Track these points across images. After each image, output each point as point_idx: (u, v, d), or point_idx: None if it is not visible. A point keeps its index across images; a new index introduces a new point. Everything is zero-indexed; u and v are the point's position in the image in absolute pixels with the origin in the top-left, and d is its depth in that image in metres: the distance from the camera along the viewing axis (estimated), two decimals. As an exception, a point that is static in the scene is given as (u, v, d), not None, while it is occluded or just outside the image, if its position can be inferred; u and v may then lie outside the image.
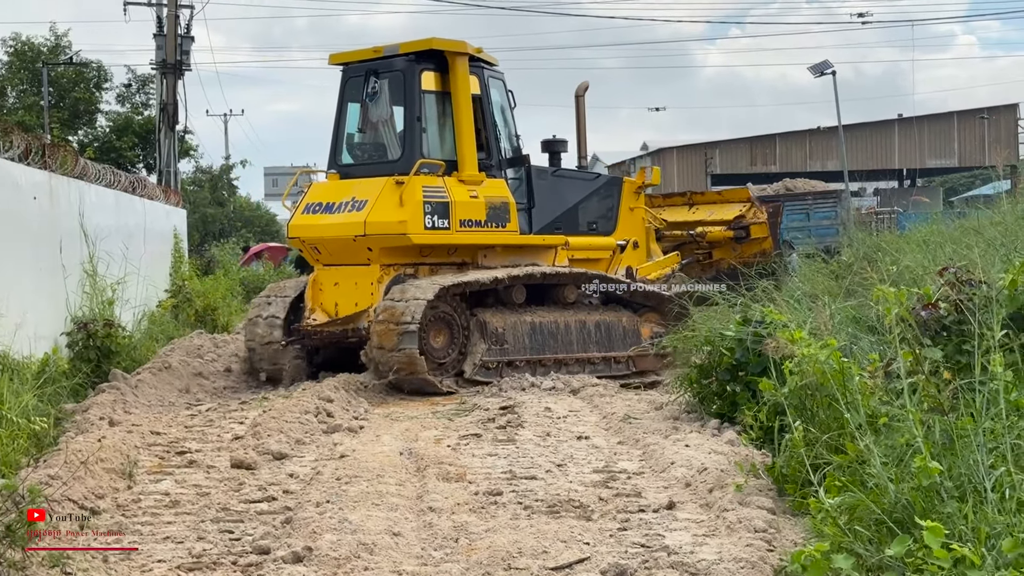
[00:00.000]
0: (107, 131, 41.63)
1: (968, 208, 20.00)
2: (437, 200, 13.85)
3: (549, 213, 15.33)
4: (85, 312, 14.07)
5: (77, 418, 10.62)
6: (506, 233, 14.52)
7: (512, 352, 13.90)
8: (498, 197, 14.45)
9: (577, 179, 16.13)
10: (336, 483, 7.76)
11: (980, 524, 4.90)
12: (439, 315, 13.54)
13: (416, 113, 14.17)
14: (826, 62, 42.98)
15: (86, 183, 15.29)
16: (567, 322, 14.44)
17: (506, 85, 15.22)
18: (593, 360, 14.39)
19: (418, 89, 14.20)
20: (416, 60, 14.29)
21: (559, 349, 14.24)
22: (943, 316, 7.23)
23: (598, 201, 16.14)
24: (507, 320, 14.02)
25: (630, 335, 14.80)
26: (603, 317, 14.79)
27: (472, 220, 14.12)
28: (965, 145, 59.06)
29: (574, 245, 15.50)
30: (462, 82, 14.29)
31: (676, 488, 7.67)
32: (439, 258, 14.41)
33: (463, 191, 14.11)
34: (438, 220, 13.83)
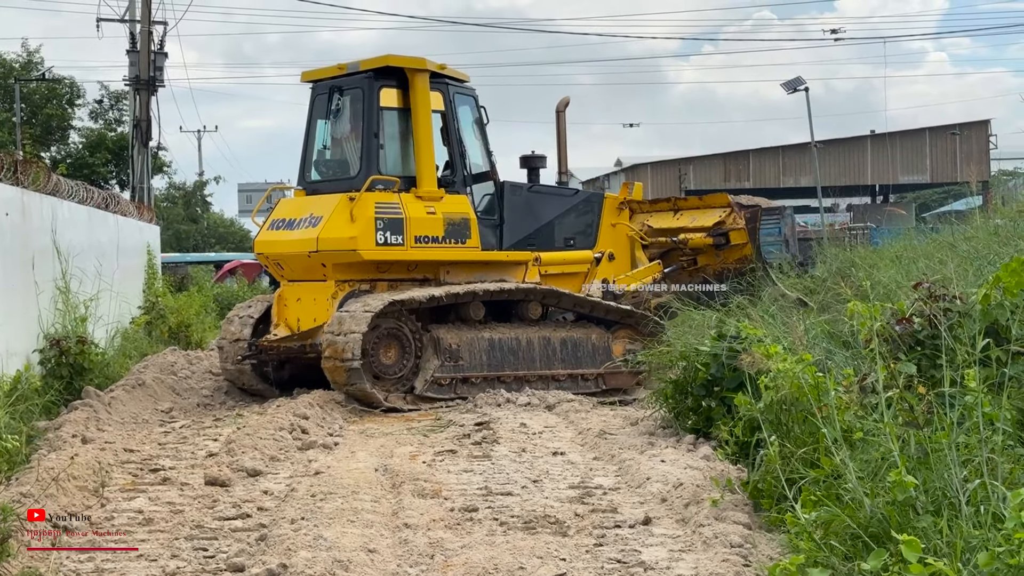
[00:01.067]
0: (80, 147, 41.50)
1: (940, 224, 20.12)
2: (390, 216, 13.97)
3: (522, 229, 15.32)
4: (58, 329, 13.98)
5: (49, 436, 10.55)
6: (466, 249, 14.53)
7: (467, 368, 13.93)
8: (458, 213, 14.47)
9: (554, 195, 16.10)
10: (311, 500, 7.72)
11: (956, 538, 4.91)
12: (389, 332, 13.67)
13: (373, 130, 14.29)
14: (799, 79, 43.17)
15: (59, 199, 15.20)
16: (529, 338, 14.40)
17: (477, 101, 15.22)
18: (558, 377, 14.34)
19: (376, 106, 14.33)
20: (375, 77, 14.42)
21: (520, 366, 14.22)
22: (917, 330, 7.26)
23: (576, 217, 16.07)
24: (463, 336, 14.05)
25: (600, 352, 14.68)
26: (570, 334, 14.71)
27: (429, 236, 14.20)
28: (937, 161, 59.43)
29: (547, 260, 15.47)
30: (421, 98, 14.41)
31: (652, 503, 7.66)
32: (398, 274, 14.44)
33: (420, 207, 14.19)
34: (391, 236, 13.94)
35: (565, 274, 15.67)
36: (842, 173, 58.68)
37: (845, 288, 10.40)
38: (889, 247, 15.02)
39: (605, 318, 15.03)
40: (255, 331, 14.74)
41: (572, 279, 15.67)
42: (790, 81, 43.46)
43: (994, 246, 10.58)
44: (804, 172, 56.92)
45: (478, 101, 15.22)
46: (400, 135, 14.68)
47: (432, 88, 14.56)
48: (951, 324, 6.80)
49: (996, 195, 19.77)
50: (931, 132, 60.07)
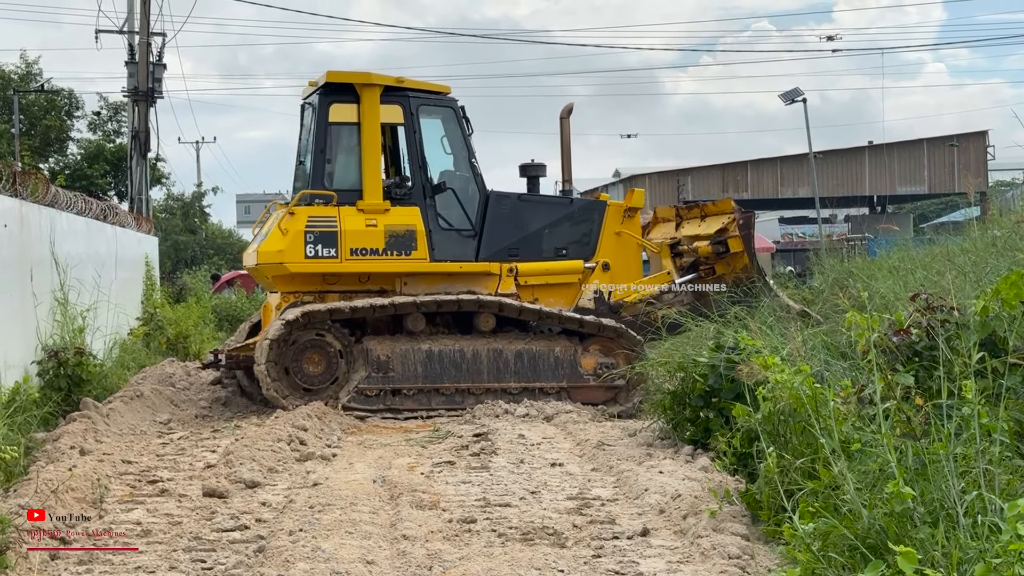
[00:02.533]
0: (78, 159, 41.51)
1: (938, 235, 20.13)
2: (322, 230, 14.31)
3: (503, 239, 15.12)
4: (56, 340, 13.98)
5: (48, 447, 10.55)
6: (411, 261, 14.58)
7: (399, 380, 14.04)
8: (402, 225, 14.58)
9: (545, 204, 15.80)
10: (309, 511, 7.72)
11: (953, 549, 4.91)
12: (311, 342, 14.07)
13: (320, 145, 14.65)
14: (797, 90, 43.25)
15: (57, 211, 15.22)
16: (476, 350, 14.27)
17: (457, 112, 15.13)
18: (510, 390, 14.14)
19: (325, 121, 14.67)
20: (325, 92, 14.77)
21: (463, 378, 14.17)
22: (915, 342, 7.27)
23: (571, 226, 15.62)
24: (396, 348, 14.15)
25: (565, 365, 14.30)
26: (528, 346, 14.37)
27: (367, 249, 14.40)
28: (935, 172, 59.45)
29: (526, 271, 15.07)
30: (367, 112, 14.67)
31: (650, 515, 7.66)
32: (349, 285, 14.69)
33: (359, 220, 14.44)
34: (322, 249, 14.26)
35: (551, 285, 15.27)
36: (840, 184, 58.70)
37: (843, 299, 10.42)
38: (886, 258, 15.03)
39: (578, 330, 14.52)
40: (249, 338, 15.17)
41: (561, 290, 15.29)
42: (788, 92, 43.54)
43: (991, 258, 10.59)
44: (802, 183, 56.95)
45: (457, 112, 15.14)
46: (352, 149, 14.88)
47: (389, 101, 14.80)
48: (948, 335, 6.82)
49: (994, 206, 19.79)
50: (929, 143, 60.10)
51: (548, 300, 15.00)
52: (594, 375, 14.18)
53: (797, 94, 43.45)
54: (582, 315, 14.63)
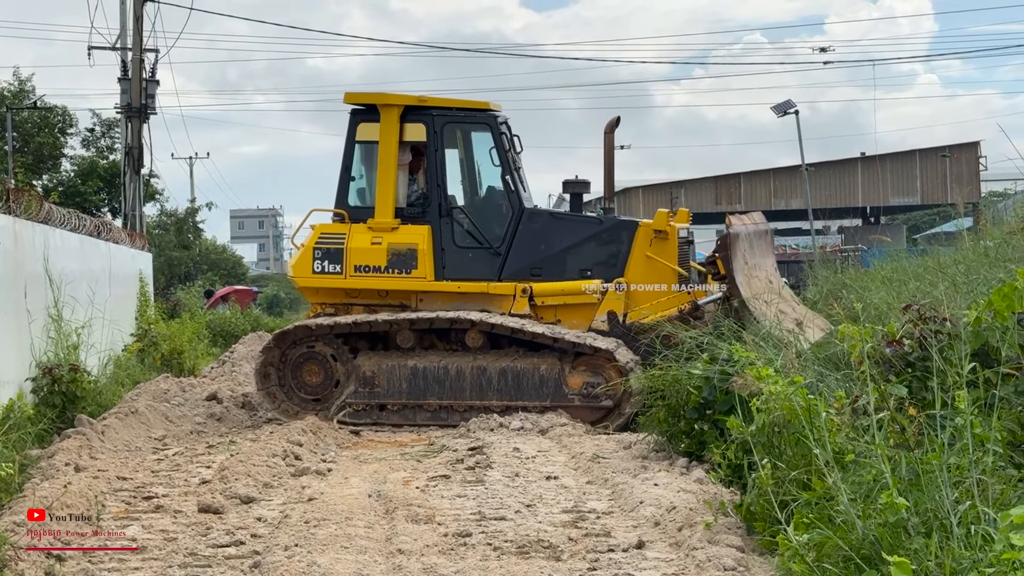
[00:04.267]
0: (72, 175, 41.47)
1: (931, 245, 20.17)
2: (330, 246, 14.85)
3: (528, 257, 14.95)
4: (50, 357, 13.97)
5: (43, 464, 10.53)
6: (410, 279, 14.76)
7: (384, 395, 14.26)
8: (405, 244, 14.76)
9: (574, 222, 15.35)
10: (305, 526, 7.73)
11: (946, 559, 4.93)
12: (307, 354, 14.66)
13: (346, 163, 15.12)
14: (789, 101, 43.33)
15: (51, 227, 15.21)
16: (460, 367, 14.24)
17: (492, 128, 15.07)
18: (493, 408, 14.01)
19: (351, 140, 15.12)
20: (354, 112, 15.14)
21: (446, 395, 14.20)
22: (908, 352, 7.29)
23: (597, 246, 15.03)
24: (382, 364, 14.34)
25: (549, 384, 14.00)
26: (513, 364, 14.19)
27: (369, 266, 14.77)
28: (927, 183, 59.51)
29: (542, 292, 14.76)
30: (384, 132, 14.87)
31: (645, 527, 7.67)
32: (370, 299, 15.04)
33: (366, 238, 14.82)
34: (328, 265, 14.82)
35: (568, 305, 14.80)
36: (833, 195, 58.75)
37: (837, 310, 10.45)
38: (880, 269, 15.06)
39: (561, 349, 14.13)
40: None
41: (580, 311, 14.74)
42: (780, 104, 43.61)
43: (984, 268, 10.63)
44: (795, 194, 57.00)
45: (494, 128, 15.07)
46: (377, 167, 15.14)
47: (414, 120, 14.94)
48: (941, 346, 6.84)
49: (986, 216, 19.84)
50: (921, 154, 60.17)
51: (569, 321, 14.62)
52: (580, 395, 13.90)
53: (789, 106, 43.53)
54: (596, 336, 14.15)
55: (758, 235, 15.38)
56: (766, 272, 15.17)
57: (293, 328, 15.03)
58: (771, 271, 15.55)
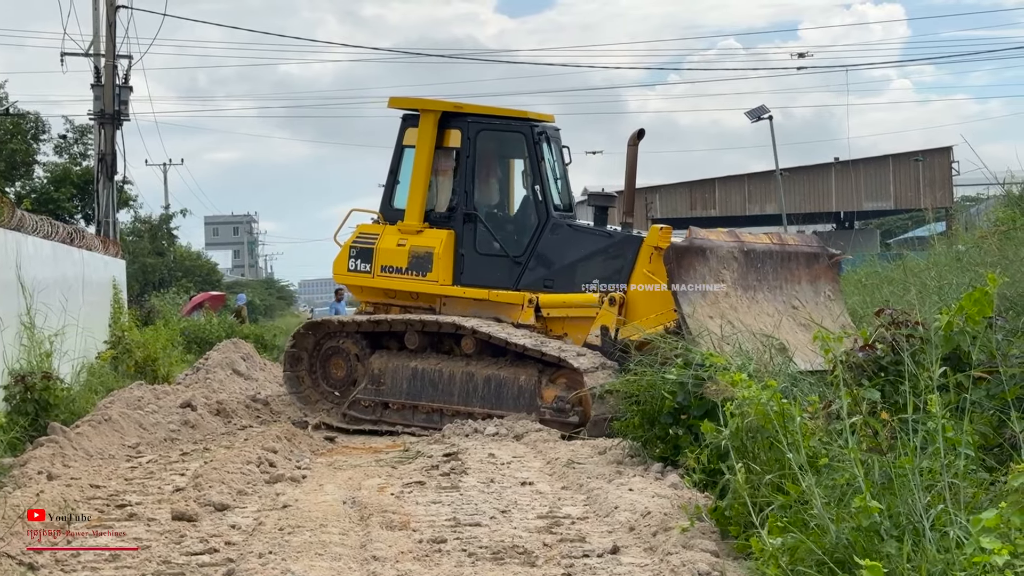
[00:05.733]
0: (45, 182, 41.25)
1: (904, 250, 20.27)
2: (363, 246, 15.65)
3: (544, 268, 14.95)
4: (22, 365, 13.89)
5: (15, 472, 10.47)
6: (425, 282, 15.18)
7: (388, 394, 14.81)
8: (424, 247, 15.16)
9: (589, 235, 15.10)
10: (279, 533, 7.70)
11: (919, 563, 4.95)
12: (332, 349, 15.53)
13: (393, 166, 15.81)
14: (763, 107, 43.58)
15: (23, 234, 15.13)
16: (452, 372, 14.40)
17: (528, 137, 15.07)
18: (475, 415, 14.02)
19: (399, 144, 15.71)
20: (405, 117, 15.71)
21: (437, 398, 14.43)
22: (880, 357, 7.33)
23: (604, 260, 14.70)
24: (389, 363, 14.91)
25: (526, 395, 13.90)
26: (497, 372, 14.19)
27: (393, 267, 15.40)
28: (901, 187, 59.79)
29: (547, 303, 14.61)
30: (421, 137, 15.33)
31: (620, 532, 7.68)
32: (404, 300, 15.61)
33: (394, 239, 15.41)
34: (360, 264, 15.63)
35: (572, 318, 14.57)
36: (806, 200, 58.96)
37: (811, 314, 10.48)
38: (853, 274, 15.12)
39: (539, 360, 13.96)
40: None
41: (584, 324, 14.40)
42: (754, 110, 43.83)
43: (956, 273, 10.69)
44: (769, 199, 57.18)
45: (530, 137, 15.05)
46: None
47: (451, 126, 15.33)
48: (913, 351, 6.88)
49: (959, 221, 19.96)
50: (894, 159, 60.46)
51: (576, 335, 14.36)
52: (551, 408, 13.65)
53: (763, 111, 43.75)
54: (589, 350, 13.80)
55: (767, 255, 14.07)
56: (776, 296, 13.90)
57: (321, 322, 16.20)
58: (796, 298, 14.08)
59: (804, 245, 14.84)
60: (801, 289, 14.13)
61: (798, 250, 14.48)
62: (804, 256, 14.45)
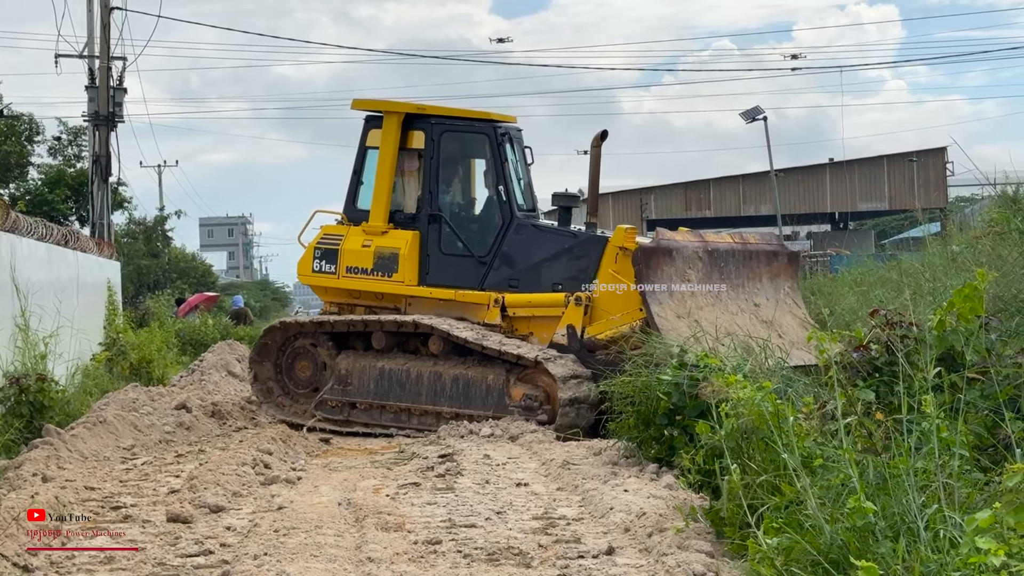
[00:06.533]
0: (39, 184, 41.20)
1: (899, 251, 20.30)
2: (328, 247, 15.67)
3: (509, 268, 15.02)
4: (17, 367, 13.88)
5: (10, 474, 10.46)
6: (391, 283, 15.26)
7: (355, 394, 14.87)
8: (389, 248, 15.23)
9: (554, 235, 15.19)
10: (274, 535, 7.70)
11: (914, 563, 4.96)
12: (299, 350, 15.54)
13: (356, 167, 15.78)
14: (757, 108, 43.61)
15: (17, 236, 15.13)
16: (419, 372, 14.48)
17: (491, 138, 15.18)
18: (443, 414, 14.16)
19: (362, 145, 15.73)
20: (367, 118, 15.73)
21: (405, 398, 14.51)
22: (875, 357, 7.34)
23: (569, 260, 14.77)
24: (356, 363, 14.95)
25: (494, 394, 14.01)
26: (465, 371, 14.25)
27: (359, 268, 15.43)
28: (895, 188, 59.89)
29: (513, 303, 14.70)
30: (384, 138, 15.41)
31: (615, 533, 7.68)
32: (369, 301, 15.61)
33: (359, 240, 15.43)
34: (325, 265, 15.67)
35: (539, 317, 14.67)
36: (801, 201, 59.08)
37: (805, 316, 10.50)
38: (847, 275, 15.13)
39: (505, 360, 14.06)
40: None
41: (551, 323, 14.47)
42: (749, 111, 43.89)
43: (949, 275, 10.70)
44: (764, 200, 57.26)
45: (492, 138, 15.17)
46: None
47: (415, 128, 15.39)
48: (908, 351, 6.89)
49: (953, 222, 19.98)
50: (889, 160, 60.56)
51: (542, 334, 14.48)
52: (520, 407, 13.78)
53: (758, 112, 43.79)
54: (556, 351, 13.91)
55: (730, 253, 14.47)
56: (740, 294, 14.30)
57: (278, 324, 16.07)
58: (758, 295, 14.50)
59: (764, 243, 15.34)
60: (762, 286, 14.63)
61: (759, 248, 14.98)
62: (764, 254, 14.97)
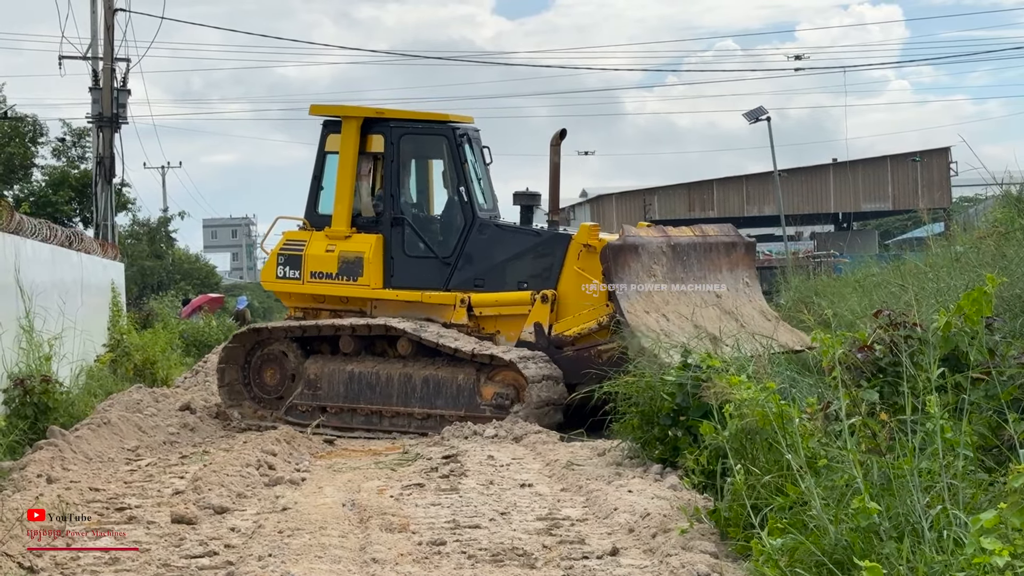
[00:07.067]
0: (43, 185, 41.23)
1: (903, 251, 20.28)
2: (291, 253, 15.60)
3: (474, 268, 15.08)
4: (21, 368, 13.90)
5: (14, 476, 10.47)
6: (356, 286, 15.29)
7: (325, 398, 14.86)
8: (353, 252, 15.26)
9: (517, 234, 15.31)
10: (278, 536, 7.71)
11: (918, 564, 4.96)
12: (271, 356, 15.45)
13: (316, 172, 15.79)
14: (760, 108, 43.56)
15: (21, 238, 15.14)
16: (389, 374, 14.54)
17: (449, 139, 15.26)
18: (415, 415, 14.31)
19: (321, 150, 15.74)
20: (325, 123, 15.73)
21: (376, 400, 14.56)
22: (879, 358, 7.34)
23: (533, 259, 14.91)
24: (325, 367, 14.95)
25: (464, 394, 14.13)
26: (435, 372, 14.35)
27: (323, 272, 15.41)
28: (899, 188, 59.87)
29: (479, 302, 14.78)
30: (344, 143, 15.40)
31: (619, 534, 7.68)
32: (334, 305, 15.64)
33: (322, 245, 15.43)
34: (289, 271, 15.60)
35: (505, 316, 14.78)
36: (805, 201, 59.04)
37: (808, 316, 10.51)
38: (851, 275, 15.12)
39: (475, 360, 14.14)
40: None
41: (517, 322, 14.64)
42: (752, 111, 43.83)
43: (953, 275, 10.69)
44: (767, 201, 57.25)
45: (451, 140, 15.23)
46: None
47: (374, 132, 15.40)
48: (912, 351, 6.88)
49: (957, 222, 19.97)
50: (892, 160, 60.54)
51: (508, 332, 14.63)
52: (491, 405, 13.92)
53: (761, 113, 43.75)
54: (526, 349, 14.12)
55: (692, 247, 14.76)
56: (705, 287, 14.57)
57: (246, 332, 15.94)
58: (719, 287, 14.80)
59: (723, 235, 15.60)
60: (722, 277, 14.99)
61: (718, 240, 15.28)
62: (723, 246, 15.31)
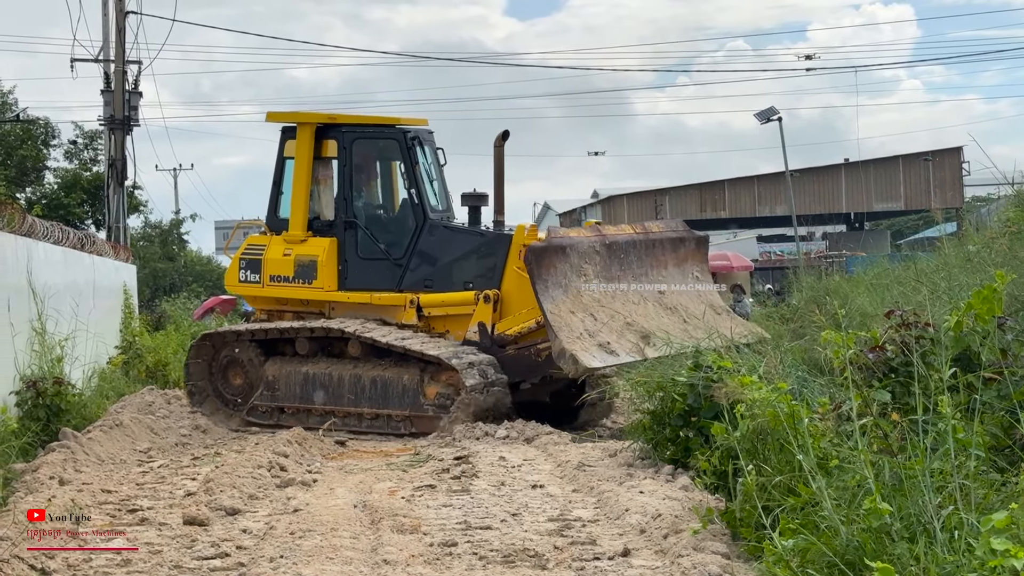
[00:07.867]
0: (55, 188, 41.36)
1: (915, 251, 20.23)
2: (252, 257, 16.02)
3: (423, 269, 15.26)
4: (34, 370, 13.93)
5: (27, 478, 10.49)
6: (311, 289, 15.59)
7: (282, 399, 15.11)
8: (308, 255, 15.55)
9: (464, 235, 15.47)
10: (290, 538, 7.71)
11: (930, 564, 4.95)
12: (235, 359, 15.70)
13: (276, 177, 16.09)
14: (772, 108, 43.53)
15: (34, 240, 15.17)
16: (341, 375, 14.78)
17: (401, 143, 15.48)
18: (364, 415, 14.53)
19: (280, 156, 16.01)
20: (283, 129, 16.06)
21: (329, 401, 14.79)
22: (890, 358, 7.32)
23: (478, 259, 15.05)
24: (282, 369, 15.22)
25: (409, 394, 14.33)
26: (383, 373, 14.54)
27: (281, 276, 15.75)
28: (911, 188, 59.73)
29: (428, 303, 14.93)
30: (299, 149, 15.70)
31: (631, 535, 7.67)
32: (297, 307, 15.92)
33: (280, 249, 15.74)
34: (250, 275, 15.98)
35: (452, 316, 14.91)
36: (816, 201, 58.91)
37: (819, 316, 10.49)
38: (863, 275, 15.09)
39: (419, 359, 14.25)
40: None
41: (460, 321, 14.78)
42: (763, 111, 43.80)
43: (965, 274, 10.66)
44: (779, 201, 57.14)
45: (402, 143, 15.44)
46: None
47: (328, 137, 15.69)
48: (923, 352, 6.87)
49: (969, 222, 19.92)
50: (904, 160, 60.40)
51: (457, 332, 14.74)
52: (433, 405, 14.11)
53: (772, 113, 43.73)
54: (470, 348, 14.25)
55: (631, 245, 14.80)
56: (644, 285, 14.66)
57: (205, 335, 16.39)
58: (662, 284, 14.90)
59: (669, 231, 15.78)
60: (668, 273, 15.09)
61: (663, 236, 15.41)
62: (669, 242, 15.44)
